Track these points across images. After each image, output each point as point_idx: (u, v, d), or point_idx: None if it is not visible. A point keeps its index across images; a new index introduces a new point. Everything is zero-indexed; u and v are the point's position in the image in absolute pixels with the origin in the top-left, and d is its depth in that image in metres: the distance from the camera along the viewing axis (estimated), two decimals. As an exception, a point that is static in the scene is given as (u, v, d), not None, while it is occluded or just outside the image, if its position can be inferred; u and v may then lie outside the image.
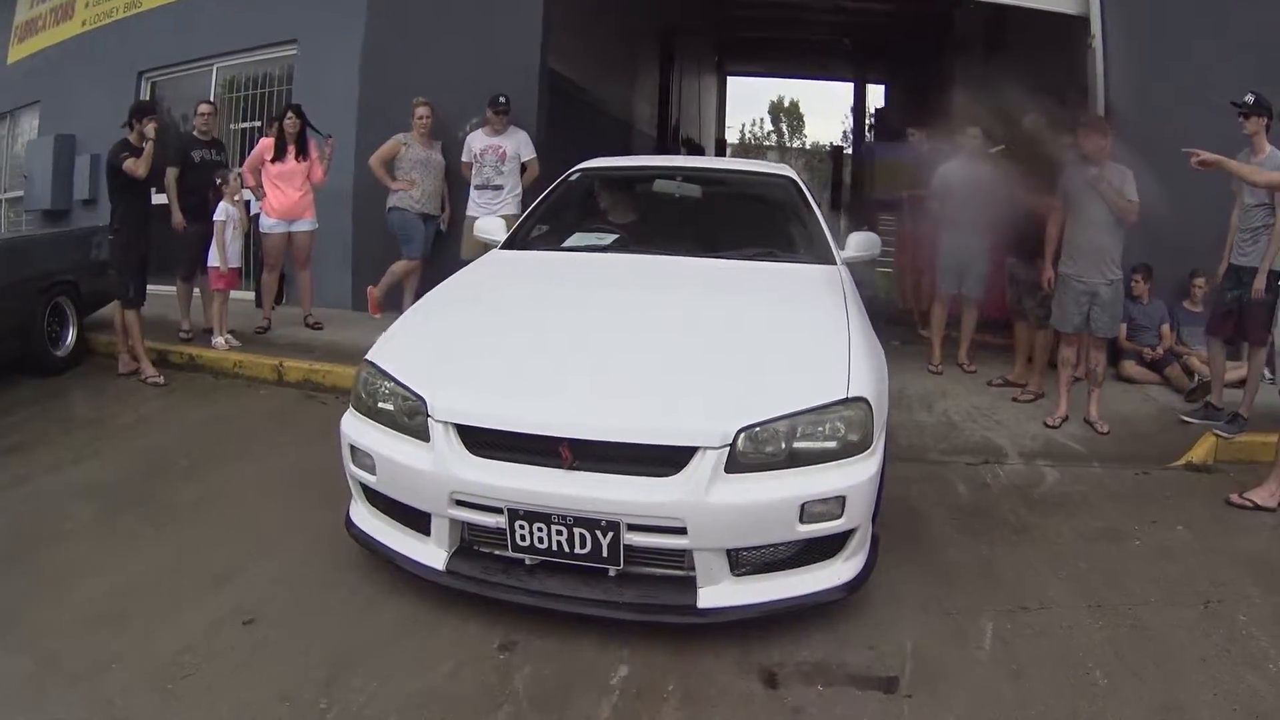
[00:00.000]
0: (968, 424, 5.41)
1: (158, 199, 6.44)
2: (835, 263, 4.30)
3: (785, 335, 3.32)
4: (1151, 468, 4.84)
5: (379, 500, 3.18)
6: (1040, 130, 5.85)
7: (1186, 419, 5.54)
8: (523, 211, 6.89)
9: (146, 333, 6.13)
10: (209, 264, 6.52)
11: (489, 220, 5.05)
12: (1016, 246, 6.06)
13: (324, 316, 7.44)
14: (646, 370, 3.06)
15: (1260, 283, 4.98)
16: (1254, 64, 6.20)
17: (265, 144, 7.23)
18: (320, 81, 8.16)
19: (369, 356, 3.29)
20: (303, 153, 7.14)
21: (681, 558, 2.87)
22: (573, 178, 5.19)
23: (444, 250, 7.52)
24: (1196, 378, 6.19)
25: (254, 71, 8.91)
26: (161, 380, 5.95)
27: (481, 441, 2.89)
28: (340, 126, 7.68)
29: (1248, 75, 5.61)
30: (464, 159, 7.37)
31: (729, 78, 26.38)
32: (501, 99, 7.14)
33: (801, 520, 2.80)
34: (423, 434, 2.96)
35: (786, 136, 55.23)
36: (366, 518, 3.25)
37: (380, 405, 3.13)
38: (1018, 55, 11.00)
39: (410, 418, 3.03)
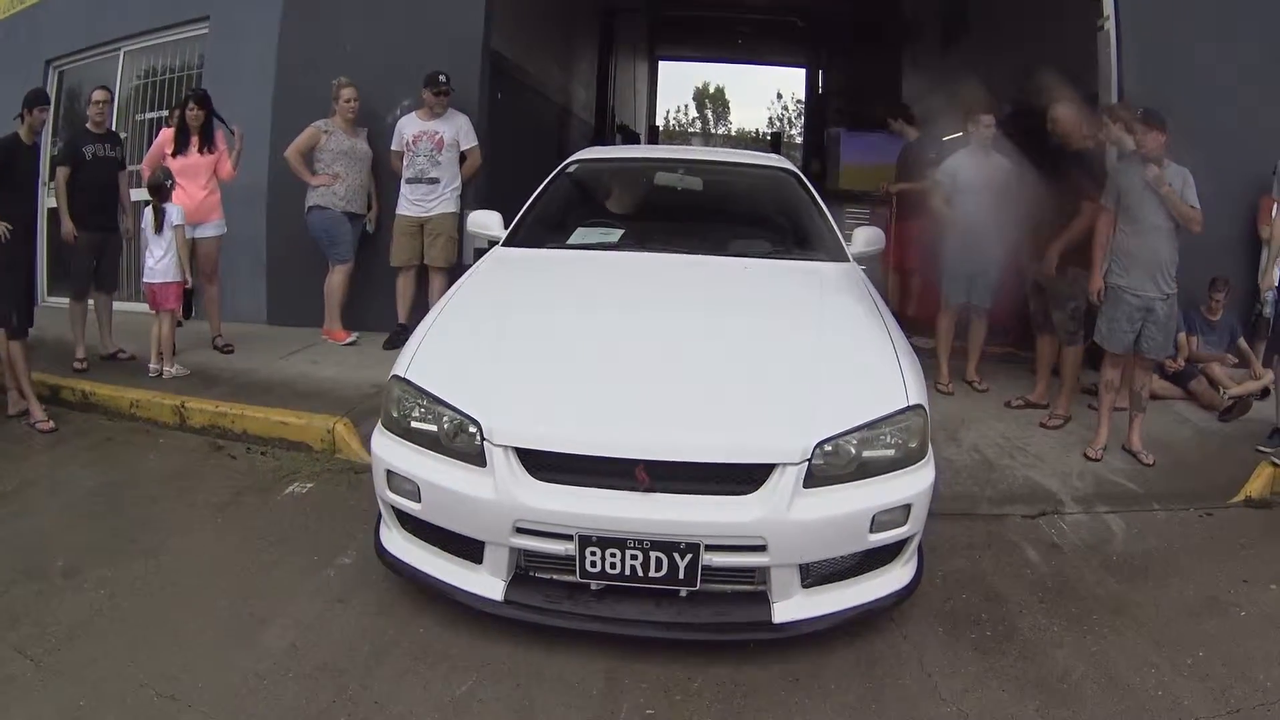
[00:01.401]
0: (1004, 460, 4.74)
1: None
2: (848, 259, 4.28)
3: (832, 341, 3.28)
4: (1211, 505, 4.36)
5: (417, 526, 3.00)
6: (1070, 117, 5.20)
7: (1263, 450, 4.92)
8: (461, 210, 6.15)
9: (52, 360, 5.22)
10: (155, 279, 5.54)
11: (484, 214, 4.68)
12: (1039, 252, 5.36)
13: (237, 334, 6.38)
14: (709, 385, 2.98)
15: None
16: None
17: (165, 135, 6.13)
18: (234, 63, 7.10)
19: (401, 374, 3.07)
20: (207, 145, 6.04)
21: (752, 573, 2.83)
22: (569, 169, 5.06)
23: (372, 256, 6.53)
24: (1223, 392, 5.74)
25: (164, 55, 7.87)
26: (50, 425, 4.90)
27: (543, 465, 2.76)
28: (255, 113, 6.74)
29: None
30: (394, 147, 6.40)
31: (660, 62, 25.52)
32: (441, 77, 6.19)
33: (871, 530, 2.80)
34: (472, 458, 2.81)
35: (711, 123, 54.60)
36: (403, 545, 3.06)
37: (415, 425, 2.95)
38: (1000, 36, 10.51)
39: (455, 440, 2.86)
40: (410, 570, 3.03)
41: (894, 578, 2.98)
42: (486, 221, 4.62)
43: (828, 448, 2.77)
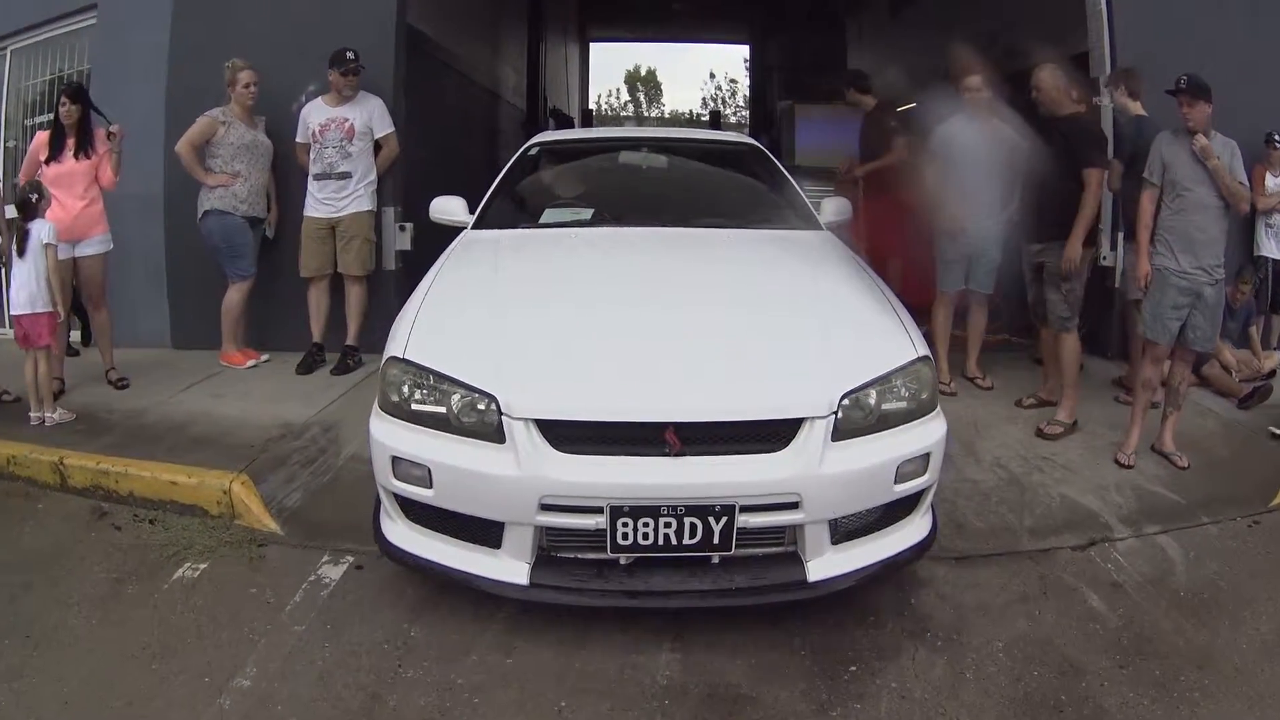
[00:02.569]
0: (1034, 477, 4.13)
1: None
2: (821, 228, 4.29)
3: (831, 300, 3.31)
4: (1255, 510, 3.94)
5: (424, 513, 2.85)
6: (1053, 81, 4.63)
7: (1276, 432, 4.65)
8: (378, 208, 5.46)
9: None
10: (21, 310, 4.65)
11: (448, 200, 4.45)
12: (1043, 231, 4.74)
13: (135, 363, 5.50)
14: (726, 344, 2.95)
15: None
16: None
17: (40, 140, 5.18)
18: (123, 55, 6.14)
19: (397, 354, 2.94)
20: (85, 148, 5.12)
21: (782, 534, 2.81)
22: (530, 152, 5.01)
23: (277, 265, 5.72)
24: (1237, 377, 5.35)
25: (53, 52, 6.92)
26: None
27: (567, 436, 2.68)
28: (148, 111, 5.85)
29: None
30: (299, 139, 5.58)
31: (592, 44, 24.62)
32: (350, 54, 5.37)
33: (896, 481, 2.82)
34: (488, 435, 2.71)
35: (644, 106, 53.75)
36: (410, 536, 2.91)
37: (419, 408, 2.83)
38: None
39: (467, 417, 2.76)
40: (419, 560, 2.89)
41: (914, 530, 2.99)
42: (450, 207, 4.42)
43: (849, 401, 2.77)
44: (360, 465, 4.01)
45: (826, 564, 2.79)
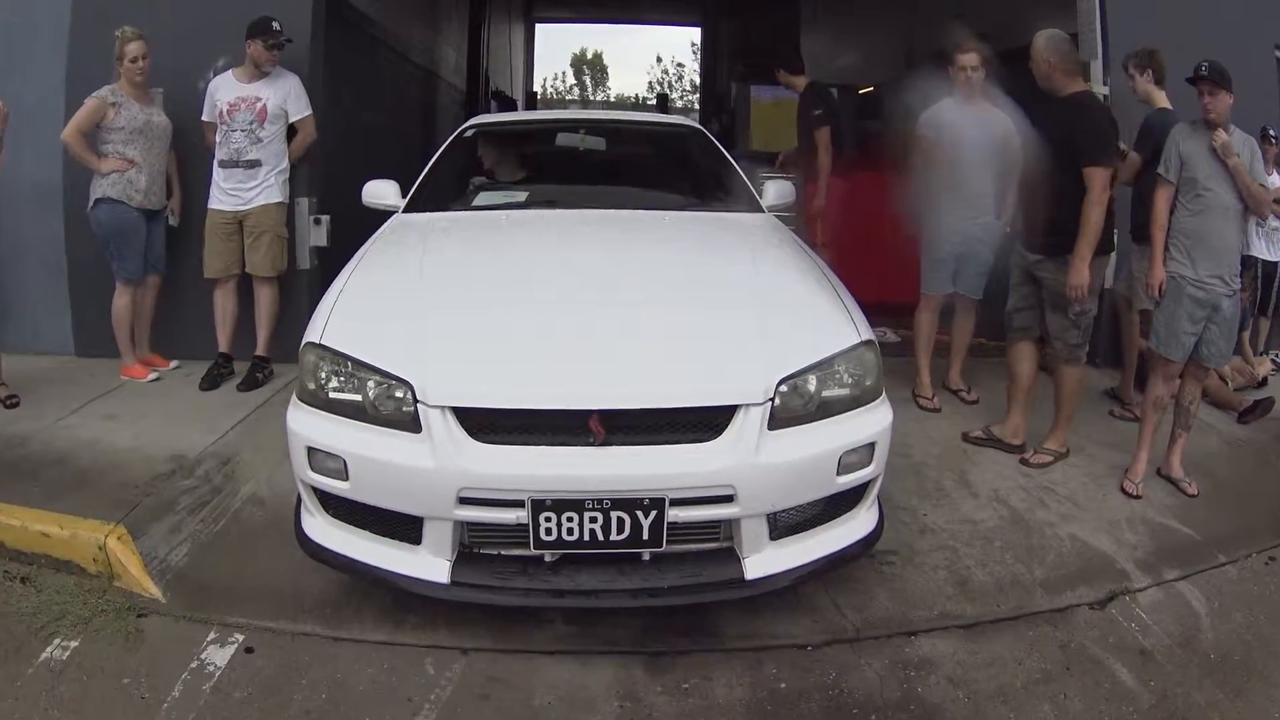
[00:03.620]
0: (1037, 513, 3.68)
1: None
2: (763, 210, 4.18)
3: (771, 282, 3.17)
4: (1270, 544, 3.58)
5: (344, 507, 2.70)
6: (1055, 55, 3.91)
7: None
8: (290, 198, 4.89)
9: None
10: None
11: (381, 184, 4.25)
12: (1029, 234, 4.17)
13: (31, 375, 4.85)
14: (657, 328, 2.82)
15: None
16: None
17: None
18: (25, 27, 5.39)
19: (314, 339, 2.78)
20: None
21: (717, 529, 2.69)
22: (467, 134, 4.86)
23: (186, 259, 5.06)
24: (1232, 386, 5.05)
25: None
26: None
27: (485, 426, 2.54)
28: (48, 89, 5.18)
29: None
30: (205, 117, 4.91)
31: (537, 25, 23.81)
32: (275, 25, 4.74)
33: (838, 472, 2.69)
34: (404, 424, 2.57)
35: (590, 90, 52.93)
36: (328, 530, 2.76)
37: (336, 395, 2.68)
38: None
39: (383, 406, 2.61)
40: (337, 558, 2.74)
41: (859, 524, 2.87)
42: (383, 191, 4.24)
43: (787, 387, 2.64)
44: (258, 509, 3.47)
45: (765, 561, 2.67)
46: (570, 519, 2.50)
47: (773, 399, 2.60)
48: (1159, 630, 2.96)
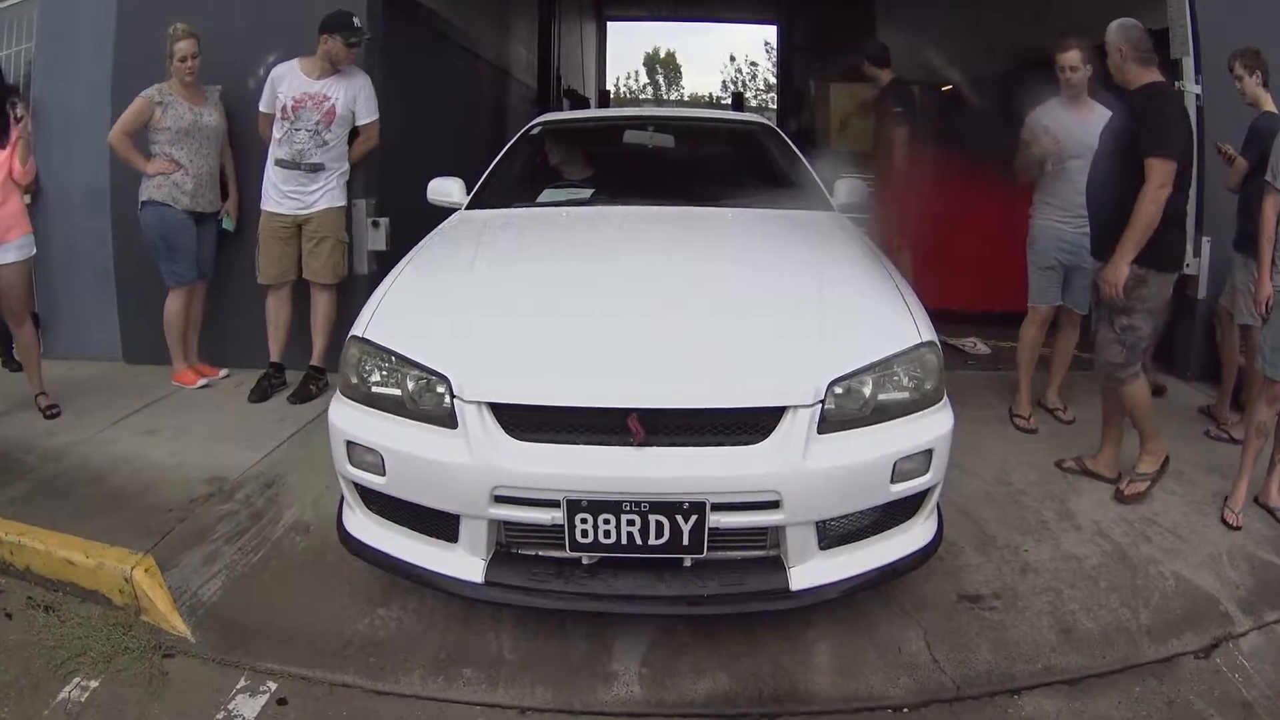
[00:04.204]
0: (1141, 548, 3.32)
1: None
2: (833, 209, 4.11)
3: (833, 281, 3.02)
4: None
5: (384, 503, 2.67)
6: (1127, 43, 3.50)
7: None
8: (349, 202, 4.69)
9: None
10: None
11: (446, 181, 4.22)
12: (1096, 239, 3.75)
13: (76, 383, 4.74)
14: (705, 328, 2.73)
15: None
16: None
17: None
18: (68, 25, 5.27)
19: (358, 333, 2.76)
20: (-1, 137, 4.26)
21: (764, 536, 2.57)
22: (533, 131, 4.81)
23: (241, 264, 4.87)
24: None
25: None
26: None
27: (522, 423, 2.48)
28: (93, 90, 5.04)
29: None
30: (263, 108, 4.62)
31: (609, 23, 23.61)
32: (356, 20, 4.49)
33: (893, 480, 2.56)
34: (443, 419, 2.52)
35: (663, 89, 52.61)
36: (368, 526, 2.73)
37: (378, 390, 2.65)
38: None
39: (422, 401, 2.57)
40: (376, 554, 2.72)
41: (916, 535, 2.73)
42: (447, 188, 4.22)
43: (840, 388, 2.54)
44: (301, 538, 3.21)
45: (812, 571, 2.56)
46: (607, 521, 2.42)
47: (823, 401, 2.49)
48: (1260, 681, 2.65)
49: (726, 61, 54.55)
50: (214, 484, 3.58)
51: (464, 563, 2.57)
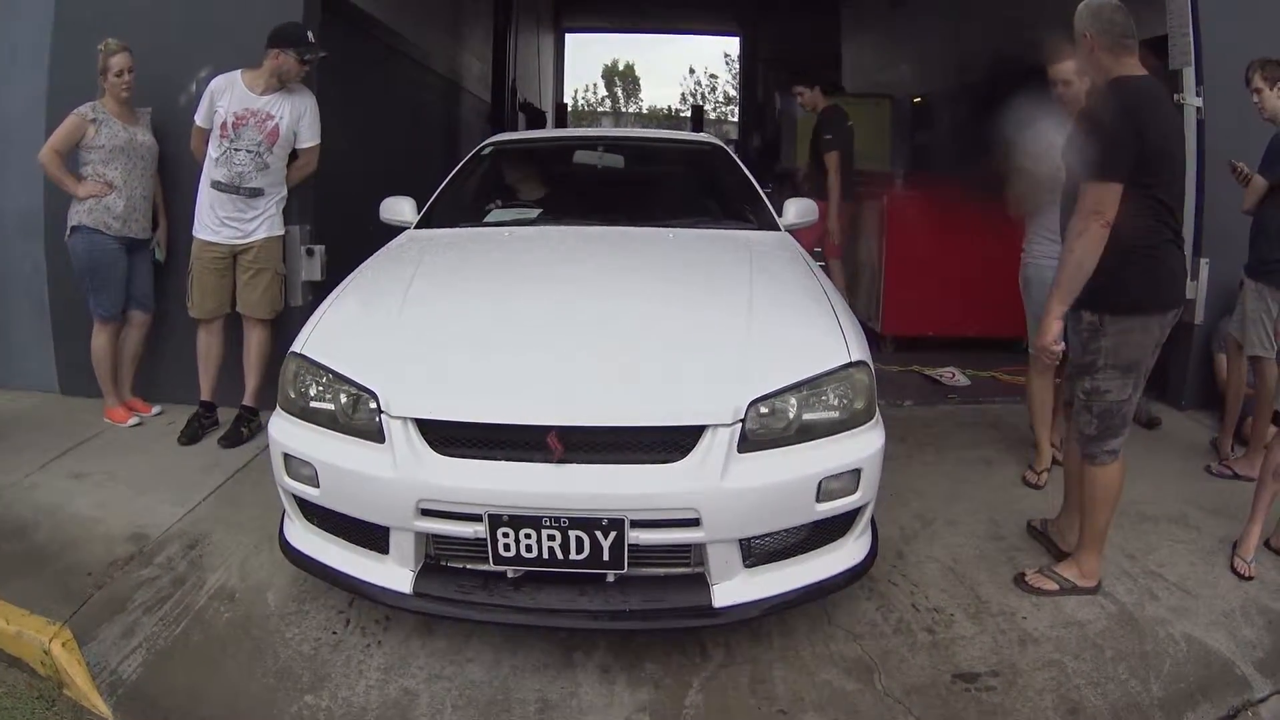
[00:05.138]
0: (1148, 606, 3.10)
1: None
2: (780, 229, 4.15)
3: (765, 301, 3.05)
4: None
5: (320, 515, 2.77)
6: (1094, 27, 2.89)
7: None
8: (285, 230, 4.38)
9: None
10: None
11: (399, 200, 4.24)
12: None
13: (9, 417, 4.57)
14: (631, 348, 2.75)
15: None
16: None
17: None
18: (5, 39, 4.96)
19: (298, 349, 2.85)
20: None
21: (688, 553, 2.62)
22: (484, 151, 4.90)
23: (172, 295, 4.60)
24: None
25: None
26: None
27: (447, 438, 2.55)
28: (28, 108, 4.77)
29: None
30: (199, 121, 4.25)
31: (567, 35, 23.36)
32: (310, 35, 4.20)
33: (819, 499, 2.58)
34: (371, 434, 2.60)
35: (622, 101, 52.50)
36: (306, 537, 2.83)
37: (314, 405, 2.74)
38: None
39: (354, 416, 2.65)
40: (313, 563, 2.79)
41: (846, 554, 2.76)
42: (400, 208, 4.26)
43: (763, 408, 2.57)
44: (225, 607, 2.94)
45: (736, 589, 2.59)
46: (528, 536, 2.47)
47: (743, 420, 2.52)
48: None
49: (686, 74, 54.71)
50: (136, 542, 3.30)
51: (394, 574, 2.63)
